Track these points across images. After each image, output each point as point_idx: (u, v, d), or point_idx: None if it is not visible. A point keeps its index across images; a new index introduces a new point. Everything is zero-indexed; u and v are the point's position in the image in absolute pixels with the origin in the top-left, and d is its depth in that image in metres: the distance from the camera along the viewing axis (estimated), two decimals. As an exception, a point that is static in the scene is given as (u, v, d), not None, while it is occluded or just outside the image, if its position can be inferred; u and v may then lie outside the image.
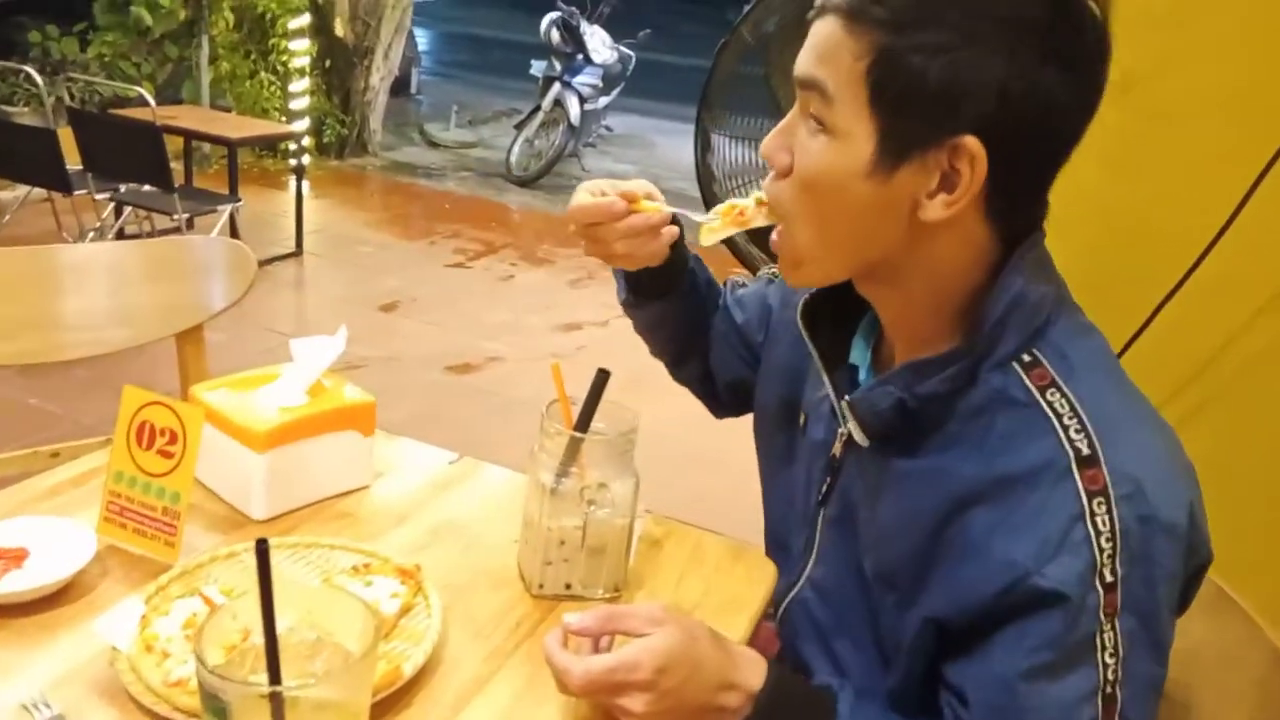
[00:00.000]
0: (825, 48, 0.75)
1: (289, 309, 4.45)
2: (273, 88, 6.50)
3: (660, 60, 8.89)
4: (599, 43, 7.18)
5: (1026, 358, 0.77)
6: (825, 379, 0.90)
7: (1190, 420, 1.19)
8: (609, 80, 7.47)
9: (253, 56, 6.48)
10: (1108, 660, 0.72)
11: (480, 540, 1.03)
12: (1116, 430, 0.73)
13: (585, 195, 0.94)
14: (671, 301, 1.08)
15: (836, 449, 0.90)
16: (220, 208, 4.30)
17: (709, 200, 2.05)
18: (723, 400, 1.17)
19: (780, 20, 1.72)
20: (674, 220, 0.96)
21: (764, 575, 1.03)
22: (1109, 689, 0.72)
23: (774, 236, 0.84)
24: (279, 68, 6.41)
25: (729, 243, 1.10)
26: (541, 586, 0.95)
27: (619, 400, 0.94)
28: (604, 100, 7.56)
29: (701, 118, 1.97)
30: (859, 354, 0.91)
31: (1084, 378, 0.76)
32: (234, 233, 4.43)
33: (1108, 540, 0.70)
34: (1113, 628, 0.71)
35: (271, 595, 0.54)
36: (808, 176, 0.78)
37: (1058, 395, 0.75)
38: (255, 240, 4.64)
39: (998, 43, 0.70)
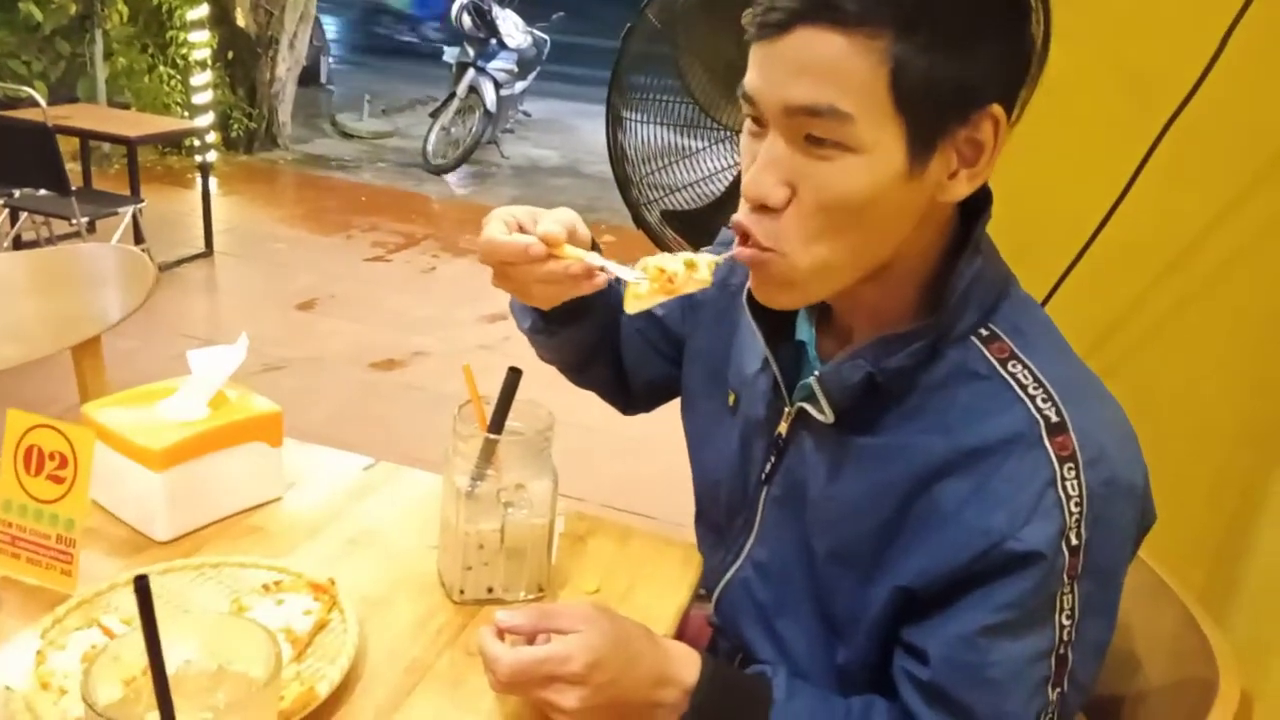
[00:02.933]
0: (825, 67, 0.69)
1: (201, 312, 4.30)
2: (173, 82, 6.26)
3: (576, 43, 8.81)
4: (512, 26, 7.08)
5: (984, 332, 0.78)
6: (770, 358, 0.88)
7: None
8: (524, 65, 7.39)
9: (150, 50, 6.23)
10: (1064, 621, 0.74)
11: (398, 548, 1.01)
12: (1078, 397, 0.75)
13: (499, 228, 0.84)
14: (583, 326, 1.02)
15: (782, 428, 0.88)
16: (121, 210, 4.13)
17: (621, 180, 2.03)
18: (637, 397, 1.14)
19: (686, 2, 1.71)
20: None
21: (689, 566, 1.03)
22: (1062, 649, 0.75)
23: (749, 271, 0.78)
24: (179, 61, 6.18)
25: (646, 229, 1.10)
26: (463, 592, 0.93)
27: (541, 393, 0.92)
28: (520, 85, 7.47)
29: (612, 100, 1.95)
30: (805, 331, 0.90)
31: (1040, 349, 0.78)
32: (138, 235, 4.26)
33: (1076, 505, 0.72)
34: (1072, 590, 0.73)
35: (156, 634, 0.51)
36: (834, 201, 0.72)
37: (1019, 366, 0.76)
38: (163, 241, 4.49)
39: (1003, 11, 0.71)
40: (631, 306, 0.81)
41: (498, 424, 0.91)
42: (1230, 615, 1.31)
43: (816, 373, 0.82)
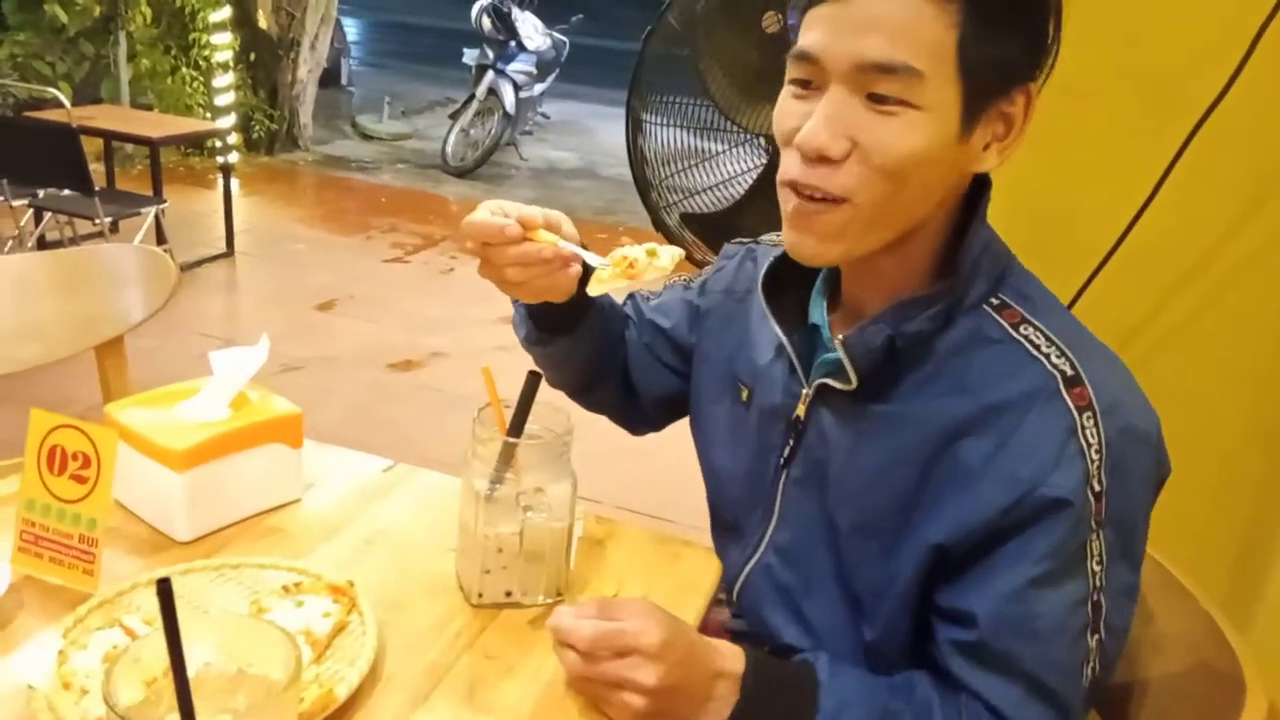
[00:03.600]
0: (903, 24, 0.72)
1: (221, 312, 4.33)
2: (195, 84, 6.31)
3: (596, 45, 8.84)
4: (531, 29, 7.10)
5: (995, 301, 0.83)
6: (786, 342, 0.91)
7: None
8: (543, 67, 7.41)
9: (173, 52, 6.28)
10: (1095, 568, 0.77)
11: (416, 550, 1.01)
12: (1089, 353, 0.79)
13: (484, 213, 0.89)
14: (578, 337, 1.03)
15: (800, 410, 0.91)
16: (144, 210, 4.16)
17: (641, 184, 2.03)
18: (647, 417, 1.15)
19: (706, 5, 1.71)
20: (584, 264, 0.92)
21: (708, 570, 1.03)
22: (1096, 596, 0.77)
23: (794, 216, 0.81)
24: (201, 63, 6.23)
25: (665, 232, 1.10)
26: (481, 595, 0.93)
27: (560, 397, 0.92)
28: (539, 87, 7.49)
29: (632, 104, 1.96)
30: (818, 314, 0.92)
31: (1048, 312, 0.83)
32: (160, 235, 4.29)
33: (1096, 452, 0.75)
34: (1099, 536, 0.76)
35: (179, 637, 0.52)
36: (892, 160, 0.75)
37: (1030, 329, 0.81)
38: (184, 241, 4.52)
39: (1043, 1, 0.77)
40: (593, 289, 0.87)
41: (517, 427, 0.91)
42: (1254, 623, 1.29)
43: (840, 337, 0.84)
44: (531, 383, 0.91)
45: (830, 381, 0.86)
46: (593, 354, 1.07)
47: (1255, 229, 1.32)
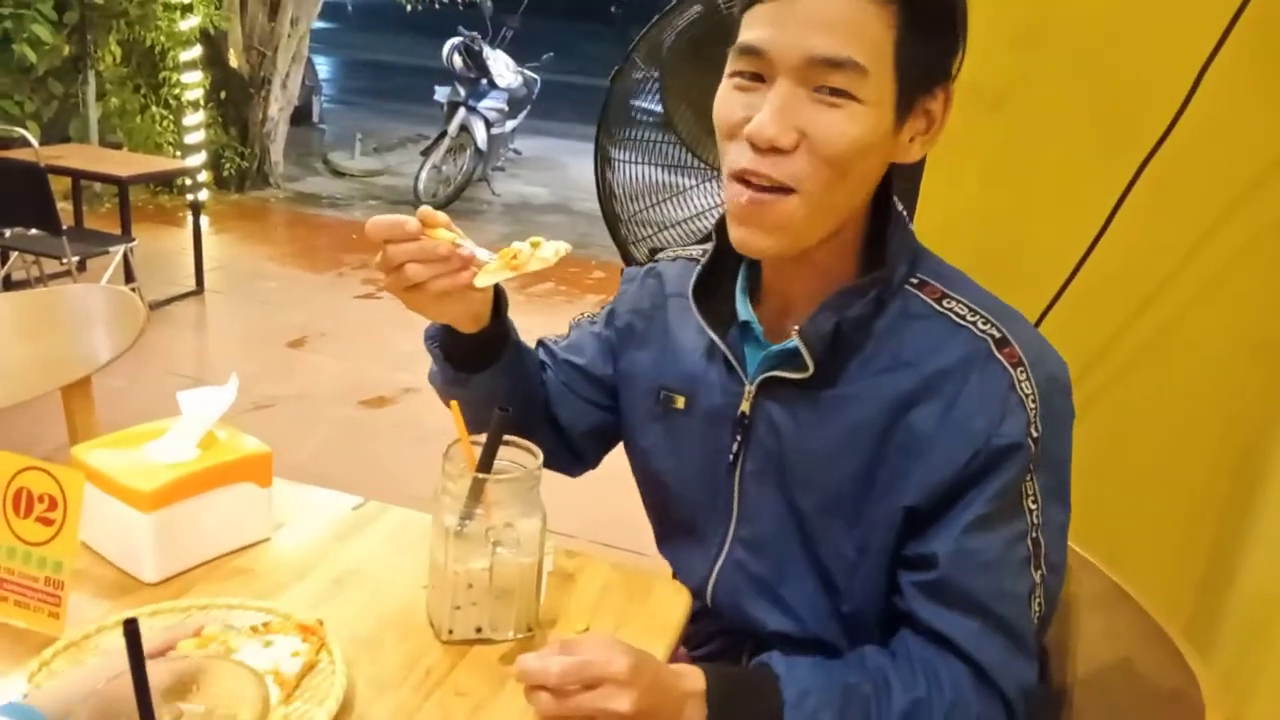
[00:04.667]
0: (848, 23, 0.78)
1: (191, 350, 4.30)
2: (165, 122, 6.30)
3: (567, 82, 8.92)
4: (503, 66, 7.17)
5: (914, 280, 0.91)
6: (720, 344, 0.96)
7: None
8: (515, 103, 7.47)
9: (143, 91, 6.27)
10: (1031, 506, 0.85)
11: (387, 588, 1.01)
12: (1008, 317, 0.88)
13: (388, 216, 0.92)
14: (495, 374, 1.03)
15: (744, 406, 0.95)
16: (112, 249, 4.14)
17: (610, 219, 2.06)
18: (580, 453, 1.16)
19: (672, 45, 1.74)
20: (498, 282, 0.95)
21: (679, 604, 1.03)
22: (1034, 534, 0.85)
23: (745, 209, 0.84)
24: (171, 101, 6.22)
25: (635, 266, 1.12)
26: (451, 632, 0.93)
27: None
28: (511, 124, 7.55)
29: (601, 141, 1.99)
30: (746, 311, 0.97)
31: (963, 286, 0.91)
32: (129, 274, 4.26)
33: (1032, 401, 0.84)
34: (1032, 479, 0.84)
35: (145, 678, 0.52)
36: (839, 149, 0.80)
37: (952, 302, 0.89)
38: (153, 280, 4.50)
39: (962, 9, 0.84)
40: (480, 280, 0.90)
41: (486, 463, 0.91)
42: (1215, 647, 1.31)
43: (796, 327, 0.89)
44: (501, 419, 0.92)
45: (781, 373, 0.91)
46: (511, 394, 1.04)
47: (1210, 255, 1.36)
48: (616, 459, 1.35)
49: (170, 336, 4.22)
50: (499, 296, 1.00)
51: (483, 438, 0.92)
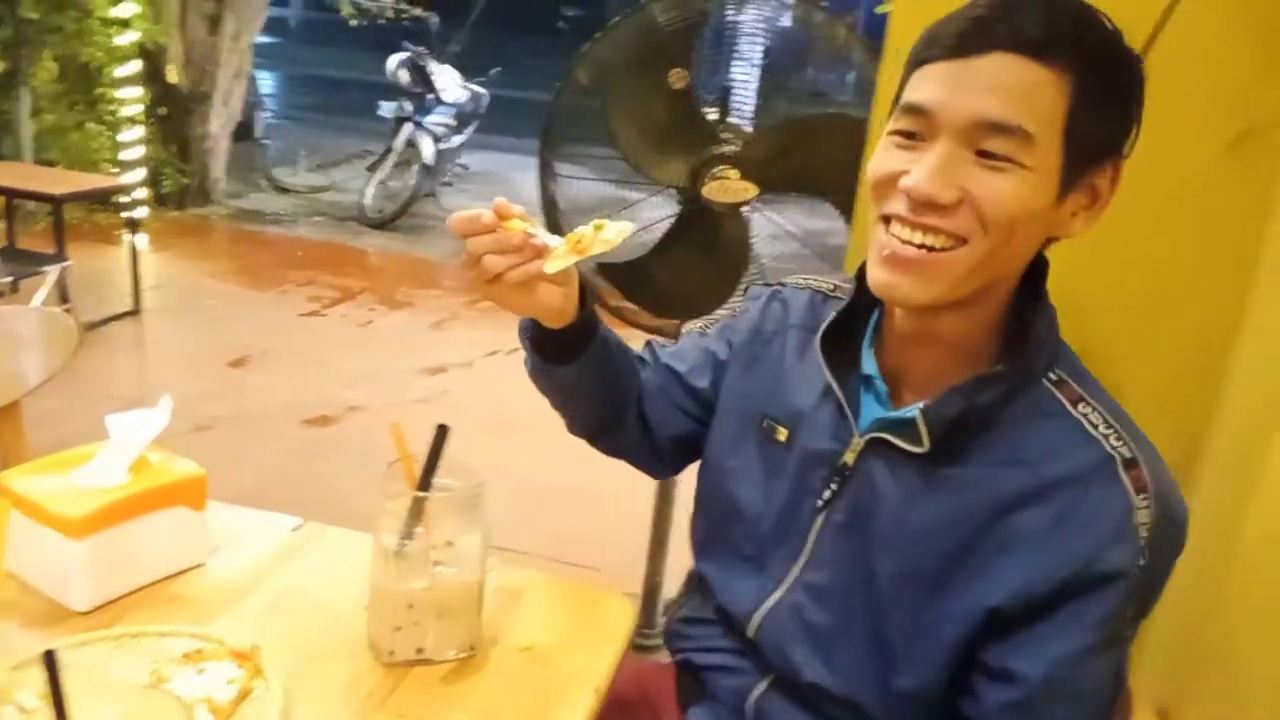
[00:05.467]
0: (1019, 89, 0.77)
1: (128, 371, 4.19)
2: (102, 139, 6.16)
3: (515, 97, 8.90)
4: (449, 81, 7.13)
5: (1054, 375, 0.88)
6: (839, 391, 0.94)
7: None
8: (463, 118, 7.43)
9: (79, 107, 6.13)
10: (1127, 634, 0.84)
11: (327, 611, 0.99)
12: (1142, 440, 0.85)
13: (466, 211, 0.93)
14: (580, 367, 1.02)
15: (849, 457, 0.93)
16: (46, 269, 4.03)
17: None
18: (666, 457, 1.14)
19: (614, 62, 1.76)
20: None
21: (623, 617, 1.04)
22: (1124, 665, 0.85)
23: (897, 259, 0.83)
24: (108, 118, 6.08)
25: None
26: (392, 653, 0.92)
27: (488, 444, 0.92)
28: (458, 139, 7.51)
29: (544, 155, 1.99)
30: (870, 364, 0.95)
31: (1100, 394, 0.88)
32: (64, 294, 4.15)
33: (1146, 531, 0.81)
34: (1131, 608, 0.83)
35: (64, 711, 0.50)
36: (1003, 207, 0.79)
37: (1088, 408, 0.86)
38: (90, 299, 4.38)
39: (1139, 83, 0.82)
40: (548, 266, 0.90)
41: (426, 481, 0.91)
42: (1143, 640, 1.34)
43: (921, 405, 0.87)
44: (440, 436, 0.92)
45: (893, 439, 0.89)
46: (598, 388, 1.05)
47: (1168, 269, 1.37)
48: (565, 473, 1.35)
49: (107, 358, 4.11)
50: (585, 293, 0.99)
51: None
